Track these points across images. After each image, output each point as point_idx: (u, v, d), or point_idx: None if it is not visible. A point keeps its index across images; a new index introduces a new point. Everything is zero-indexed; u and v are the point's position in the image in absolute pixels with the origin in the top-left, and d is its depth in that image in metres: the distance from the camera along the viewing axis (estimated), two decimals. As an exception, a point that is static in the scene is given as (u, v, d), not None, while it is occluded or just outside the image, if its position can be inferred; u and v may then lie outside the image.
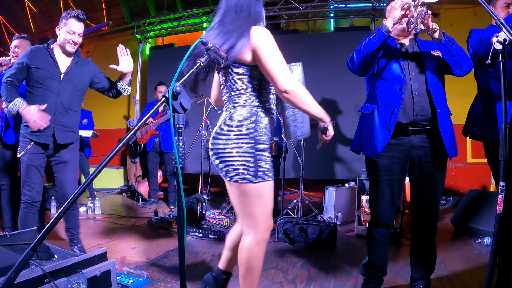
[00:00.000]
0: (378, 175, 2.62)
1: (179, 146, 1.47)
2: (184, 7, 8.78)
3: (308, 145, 6.24)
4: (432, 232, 2.66)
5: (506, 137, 1.65)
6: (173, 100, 1.45)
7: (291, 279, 3.15)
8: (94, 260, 2.27)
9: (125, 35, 9.40)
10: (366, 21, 7.55)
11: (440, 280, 3.12)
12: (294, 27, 8.17)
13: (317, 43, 7.38)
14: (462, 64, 2.44)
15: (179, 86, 1.44)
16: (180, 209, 1.52)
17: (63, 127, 3.36)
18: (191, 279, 3.11)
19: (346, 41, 6.89)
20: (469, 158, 6.82)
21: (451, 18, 7.07)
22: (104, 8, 9.27)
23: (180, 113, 1.49)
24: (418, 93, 2.48)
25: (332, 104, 7.00)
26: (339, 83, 6.79)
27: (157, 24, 8.80)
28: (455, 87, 5.75)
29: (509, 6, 2.71)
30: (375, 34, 2.40)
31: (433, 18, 7.22)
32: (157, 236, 4.43)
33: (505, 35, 1.65)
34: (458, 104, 5.82)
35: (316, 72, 6.88)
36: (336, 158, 7.01)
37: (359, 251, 3.89)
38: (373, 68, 2.63)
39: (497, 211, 1.64)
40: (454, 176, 7.00)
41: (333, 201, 5.30)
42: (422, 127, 2.50)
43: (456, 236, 4.56)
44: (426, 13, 2.33)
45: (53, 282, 1.85)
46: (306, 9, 7.49)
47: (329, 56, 7.07)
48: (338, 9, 7.54)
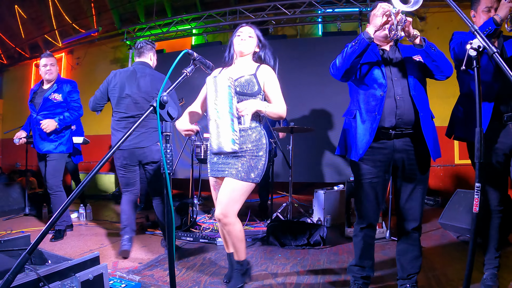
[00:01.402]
0: (362, 178, 2.68)
1: (166, 153, 1.52)
2: (174, 13, 8.86)
3: (296, 149, 6.30)
4: (417, 233, 2.72)
5: (481, 140, 1.72)
6: (160, 109, 1.50)
7: (280, 281, 3.20)
8: (87, 264, 2.32)
9: (115, 41, 9.46)
10: (353, 25, 7.67)
11: (428, 280, 3.18)
12: (283, 32, 8.28)
13: (305, 48, 7.48)
14: (442, 69, 2.51)
15: (166, 95, 1.50)
16: (169, 214, 1.57)
17: None
18: (182, 282, 3.14)
19: (333, 45, 6.93)
20: (456, 159, 6.92)
21: (437, 21, 7.20)
22: (94, 14, 9.31)
23: (167, 121, 1.55)
24: (401, 98, 2.54)
25: (320, 108, 7.09)
26: (327, 87, 6.86)
27: (147, 30, 8.87)
28: (442, 89, 5.83)
29: (490, 10, 2.77)
30: (357, 41, 2.46)
31: (420, 22, 7.34)
32: (148, 241, 4.46)
33: (479, 42, 1.72)
34: (444, 106, 5.91)
35: (304, 76, 6.96)
36: (325, 162, 7.10)
37: (348, 253, 3.95)
38: (356, 74, 2.68)
39: (473, 211, 1.70)
40: (443, 177, 7.11)
41: (323, 203, 5.37)
42: (404, 131, 2.56)
43: (444, 236, 4.64)
44: (405, 20, 2.38)
45: (48, 286, 1.89)
46: (294, 14, 7.59)
47: (317, 60, 7.14)
48: (325, 14, 7.66)
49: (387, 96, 2.54)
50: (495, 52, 1.65)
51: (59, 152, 4.53)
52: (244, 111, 2.54)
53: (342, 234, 4.76)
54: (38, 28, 10.02)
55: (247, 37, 2.86)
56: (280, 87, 2.87)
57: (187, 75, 1.68)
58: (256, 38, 2.91)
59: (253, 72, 2.80)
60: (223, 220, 2.71)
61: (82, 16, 9.42)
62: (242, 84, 2.72)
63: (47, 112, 4.48)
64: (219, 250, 4.07)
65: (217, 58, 2.87)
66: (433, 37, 7.19)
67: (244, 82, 2.73)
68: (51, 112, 4.49)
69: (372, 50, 2.65)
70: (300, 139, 6.65)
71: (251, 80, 2.74)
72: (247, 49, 2.87)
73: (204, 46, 8.28)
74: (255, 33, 2.91)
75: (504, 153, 2.78)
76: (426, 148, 2.54)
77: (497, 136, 2.76)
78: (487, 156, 2.80)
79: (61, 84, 4.62)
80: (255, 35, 2.90)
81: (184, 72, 1.69)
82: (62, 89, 4.58)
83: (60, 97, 4.53)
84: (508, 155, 2.79)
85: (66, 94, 4.57)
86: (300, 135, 6.44)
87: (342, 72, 2.60)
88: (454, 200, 4.87)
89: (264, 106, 2.67)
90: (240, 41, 2.85)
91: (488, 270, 2.95)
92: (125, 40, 8.88)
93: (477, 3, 2.89)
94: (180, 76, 1.67)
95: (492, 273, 2.93)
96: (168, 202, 1.55)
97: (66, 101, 4.58)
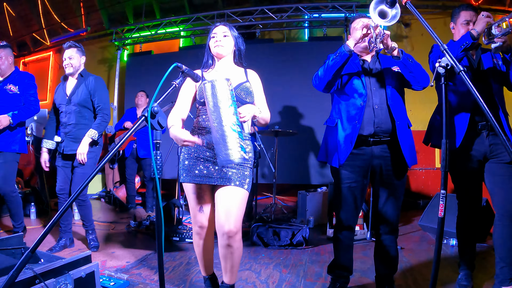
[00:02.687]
0: (341, 183, 2.80)
1: (157, 160, 1.63)
2: (162, 15, 8.90)
3: (281, 152, 6.43)
4: (393, 236, 2.86)
5: (446, 151, 1.85)
6: (151, 119, 1.61)
7: (263, 279, 3.31)
8: (79, 262, 2.42)
9: (104, 41, 9.47)
10: (339, 31, 7.80)
11: (405, 279, 3.32)
12: (269, 36, 8.37)
13: (291, 52, 7.58)
14: (419, 79, 2.63)
15: (156, 106, 1.61)
16: (159, 217, 1.68)
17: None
18: (169, 281, 3.23)
19: (319, 50, 7.10)
20: (437, 163, 7.08)
21: (422, 28, 7.19)
22: (83, 13, 9.30)
23: (157, 130, 1.65)
24: (378, 107, 2.67)
25: (305, 111, 7.21)
26: (312, 90, 6.91)
27: (135, 31, 8.90)
28: (424, 95, 5.93)
29: (469, 23, 2.88)
30: (338, 53, 2.58)
31: (405, 28, 7.50)
32: (136, 241, 4.55)
33: (447, 61, 1.86)
34: (426, 111, 6.04)
35: (290, 79, 7.08)
36: (309, 164, 7.20)
37: (329, 253, 4.05)
38: (337, 84, 2.80)
39: (438, 215, 1.82)
40: (424, 180, 7.27)
41: (306, 205, 5.48)
42: (382, 139, 2.68)
43: (423, 237, 4.80)
44: (384, 34, 2.50)
45: (44, 283, 1.99)
46: (281, 18, 7.70)
47: (302, 64, 7.25)
48: (312, 19, 7.77)
49: (366, 105, 2.66)
50: (462, 71, 1.78)
51: (11, 151, 4.18)
52: (246, 116, 2.35)
53: (324, 234, 4.88)
54: (27, 26, 9.98)
55: (222, 37, 2.64)
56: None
57: (176, 86, 1.79)
58: (232, 36, 2.69)
59: (245, 78, 2.66)
60: (234, 237, 2.41)
61: (71, 16, 9.41)
62: (243, 91, 2.57)
63: (0, 105, 4.14)
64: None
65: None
66: (417, 43, 7.43)
67: (244, 89, 2.58)
68: (6, 105, 4.14)
69: (353, 60, 2.76)
70: (284, 142, 6.77)
71: (250, 88, 2.62)
72: (224, 50, 2.65)
73: (192, 49, 8.33)
74: (230, 31, 2.68)
75: (478, 160, 2.90)
76: (402, 156, 2.66)
77: (473, 143, 2.89)
78: (463, 163, 2.95)
79: (18, 75, 4.31)
80: (230, 34, 2.68)
81: (173, 84, 1.79)
82: (19, 81, 4.26)
83: (16, 89, 4.20)
84: (481, 162, 2.92)
85: (23, 87, 4.24)
86: (285, 138, 6.56)
87: (324, 84, 2.72)
88: (434, 203, 5.00)
89: (258, 111, 2.50)
90: (215, 43, 2.64)
91: (463, 271, 3.10)
92: (114, 41, 8.87)
93: (457, 16, 2.99)
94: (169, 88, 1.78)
95: (467, 273, 3.08)
96: (158, 206, 1.66)
97: (22, 95, 4.24)
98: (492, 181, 2.88)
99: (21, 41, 10.43)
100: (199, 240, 2.66)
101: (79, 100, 3.93)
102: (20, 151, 4.26)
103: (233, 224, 2.38)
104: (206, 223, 2.60)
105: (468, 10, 2.93)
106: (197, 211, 2.59)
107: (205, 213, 2.59)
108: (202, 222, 2.59)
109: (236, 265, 2.55)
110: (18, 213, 4.33)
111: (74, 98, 3.93)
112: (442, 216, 1.82)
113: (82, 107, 3.95)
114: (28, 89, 4.28)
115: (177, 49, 8.86)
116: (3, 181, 4.12)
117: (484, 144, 2.87)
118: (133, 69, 8.69)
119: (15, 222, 4.34)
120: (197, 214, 2.59)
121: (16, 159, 4.26)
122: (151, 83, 4.98)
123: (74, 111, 3.93)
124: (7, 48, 4.29)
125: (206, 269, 2.79)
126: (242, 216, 2.50)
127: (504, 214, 2.77)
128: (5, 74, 4.27)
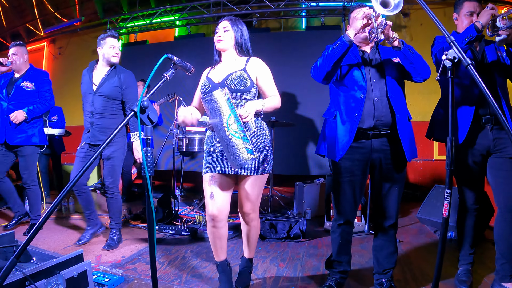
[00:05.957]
0: (340, 176, 2.75)
1: (147, 157, 1.56)
2: (157, 4, 8.79)
3: (278, 142, 6.37)
4: (393, 230, 2.81)
5: (452, 149, 1.77)
6: (141, 114, 1.53)
7: (260, 274, 3.27)
8: (71, 262, 2.37)
9: (98, 31, 9.33)
10: (337, 20, 7.72)
11: (403, 274, 3.27)
12: (266, 25, 8.27)
13: (289, 42, 7.50)
14: (419, 71, 2.56)
15: (146, 100, 1.53)
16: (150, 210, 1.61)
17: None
18: (164, 276, 3.19)
19: (317, 39, 7.03)
20: (436, 155, 7.05)
21: (421, 18, 7.27)
22: (76, 3, 9.19)
23: (147, 125, 1.58)
24: (378, 99, 2.60)
25: (302, 102, 7.14)
26: (309, 80, 6.86)
27: (130, 21, 8.80)
28: (423, 85, 5.88)
29: (472, 14, 2.82)
30: (337, 44, 2.50)
31: (404, 18, 7.41)
32: (131, 234, 4.49)
33: (454, 53, 1.77)
34: (426, 102, 6.01)
35: (287, 69, 7.01)
36: (307, 155, 7.15)
37: (327, 246, 4.03)
38: (336, 75, 2.73)
39: (443, 215, 1.75)
40: (422, 172, 7.23)
41: (303, 196, 5.45)
42: (382, 132, 2.63)
43: (421, 230, 4.75)
44: (386, 24, 2.43)
45: (34, 285, 1.92)
46: (278, 7, 7.62)
47: (299, 54, 7.20)
48: (309, 8, 7.68)
49: (366, 98, 2.60)
50: (470, 64, 1.70)
51: (31, 144, 4.44)
52: (248, 116, 2.45)
53: (322, 227, 4.85)
54: (20, 16, 9.84)
55: (222, 33, 2.77)
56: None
57: (167, 79, 1.71)
58: (232, 30, 2.80)
59: (242, 67, 2.73)
60: (251, 215, 2.85)
61: (65, 5, 9.28)
62: (233, 81, 2.65)
63: (18, 102, 4.39)
64: (201, 243, 4.13)
65: (200, 49, 2.87)
66: (416, 33, 7.34)
67: (236, 78, 2.65)
68: (23, 101, 4.40)
69: (353, 51, 2.70)
70: (282, 132, 6.71)
71: (242, 75, 2.67)
72: (224, 44, 2.78)
73: (187, 38, 8.22)
74: (230, 25, 2.80)
75: (481, 154, 2.85)
76: (402, 149, 2.61)
77: (476, 137, 2.83)
78: (465, 157, 2.89)
79: (33, 72, 4.55)
80: (230, 28, 2.79)
81: (165, 76, 1.72)
82: (35, 78, 4.50)
83: (32, 86, 4.46)
84: (484, 156, 2.87)
85: (38, 83, 4.50)
86: (281, 129, 6.49)
87: (323, 74, 2.64)
88: (432, 195, 4.98)
89: (261, 104, 2.58)
90: (216, 38, 2.79)
91: (463, 266, 3.06)
92: (108, 31, 8.75)
93: (460, 7, 2.93)
94: (160, 80, 1.70)
95: (466, 268, 3.03)
96: (149, 202, 1.59)
97: (38, 91, 4.50)
98: (495, 175, 2.83)
99: (14, 32, 10.29)
100: (212, 227, 2.77)
101: (109, 92, 3.98)
102: (41, 143, 4.55)
103: (250, 206, 2.79)
104: (216, 212, 2.71)
105: (472, 1, 2.86)
106: (209, 199, 2.73)
107: (217, 202, 2.71)
108: (213, 211, 2.70)
109: (253, 242, 2.98)
110: (36, 205, 4.59)
111: (103, 89, 3.97)
112: (446, 217, 1.75)
113: (110, 99, 4.00)
114: (43, 85, 4.55)
115: (172, 38, 8.75)
116: (28, 174, 4.46)
117: (487, 138, 2.81)
118: (128, 59, 8.56)
119: (32, 215, 4.59)
120: (209, 202, 2.73)
121: (36, 151, 4.55)
122: (147, 73, 4.89)
123: (102, 101, 3.96)
124: (23, 46, 4.55)
125: (219, 255, 2.89)
126: (260, 198, 2.86)
127: (506, 209, 2.73)
128: (20, 71, 4.52)
